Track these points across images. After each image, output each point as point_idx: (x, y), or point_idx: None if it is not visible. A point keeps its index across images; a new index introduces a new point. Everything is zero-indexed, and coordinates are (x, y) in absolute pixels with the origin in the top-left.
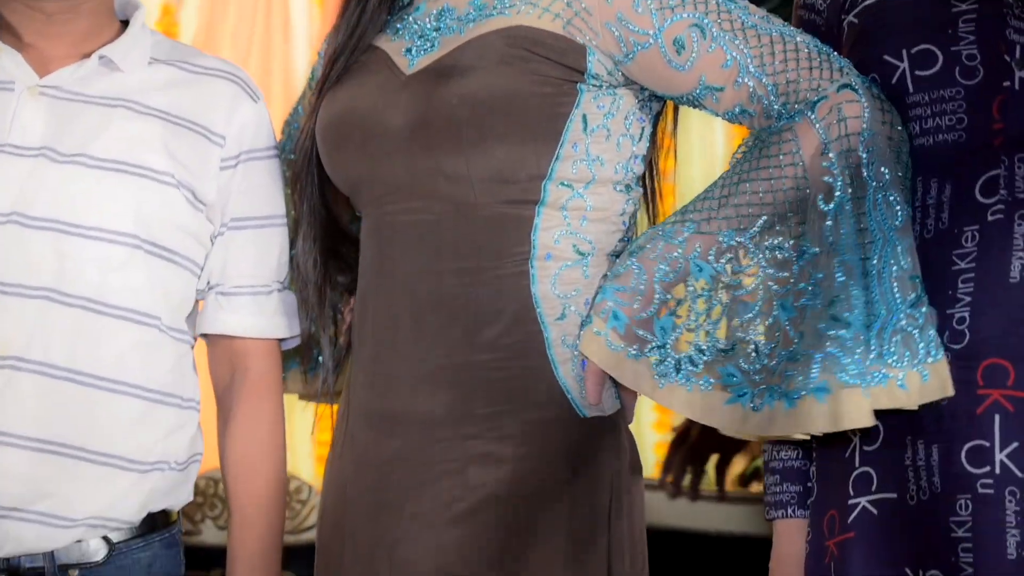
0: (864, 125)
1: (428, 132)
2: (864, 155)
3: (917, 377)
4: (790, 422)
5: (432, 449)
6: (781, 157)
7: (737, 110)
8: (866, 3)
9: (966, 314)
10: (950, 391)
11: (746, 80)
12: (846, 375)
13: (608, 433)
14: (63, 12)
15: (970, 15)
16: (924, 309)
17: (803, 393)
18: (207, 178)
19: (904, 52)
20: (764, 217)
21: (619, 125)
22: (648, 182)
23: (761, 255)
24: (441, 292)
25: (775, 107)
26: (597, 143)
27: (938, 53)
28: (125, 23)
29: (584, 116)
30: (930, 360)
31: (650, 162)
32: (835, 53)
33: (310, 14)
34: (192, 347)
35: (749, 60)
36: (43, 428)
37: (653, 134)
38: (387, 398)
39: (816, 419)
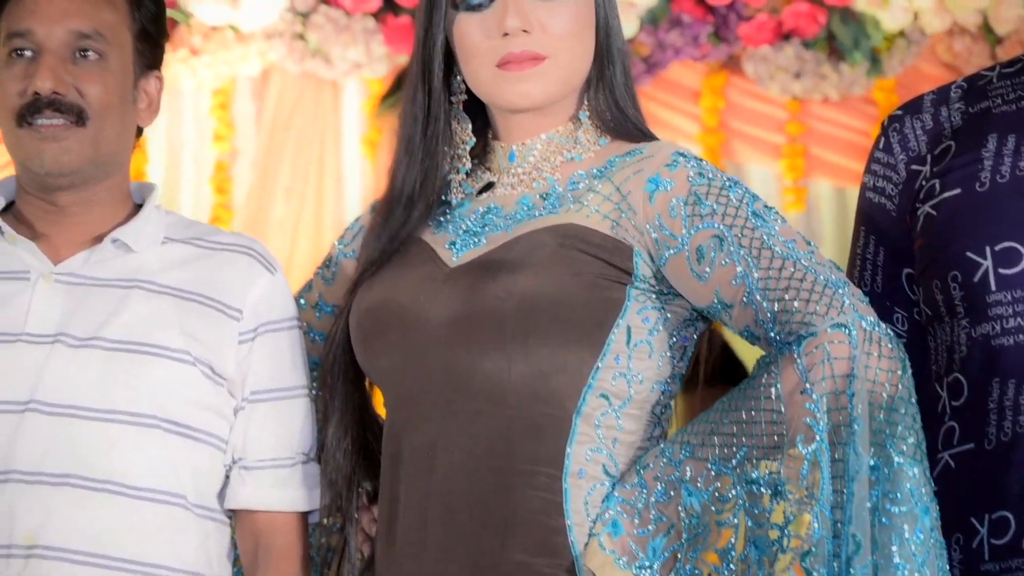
0: (852, 368)
1: (470, 326)
2: (851, 401)
3: None
4: None
5: None
6: (760, 390)
7: (746, 332)
8: (945, 195)
9: None
10: None
11: (751, 302)
12: None
13: None
14: (76, 204)
15: None
16: (861, 569)
17: None
18: (225, 352)
19: (988, 249)
20: (745, 449)
21: (662, 343)
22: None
23: (741, 487)
24: (475, 491)
25: (771, 334)
26: (639, 359)
27: (1022, 251)
28: (141, 205)
29: (629, 328)
30: None
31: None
32: (849, 288)
33: (362, 170)
34: (228, 525)
35: (756, 281)
36: None
37: (695, 354)
38: None
39: None
